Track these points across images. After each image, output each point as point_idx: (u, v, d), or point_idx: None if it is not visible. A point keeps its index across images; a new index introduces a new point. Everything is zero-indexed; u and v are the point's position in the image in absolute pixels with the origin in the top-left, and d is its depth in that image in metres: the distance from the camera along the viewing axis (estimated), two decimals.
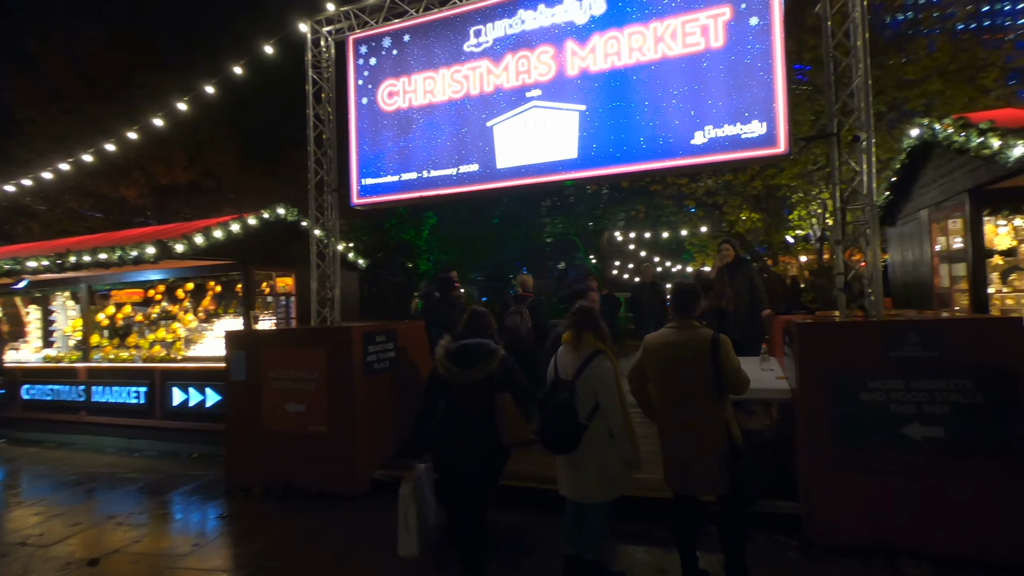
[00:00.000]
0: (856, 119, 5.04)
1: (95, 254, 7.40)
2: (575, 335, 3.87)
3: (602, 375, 3.73)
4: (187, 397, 8.30)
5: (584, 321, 3.90)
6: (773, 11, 5.13)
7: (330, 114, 7.18)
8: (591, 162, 5.80)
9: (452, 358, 3.78)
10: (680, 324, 3.74)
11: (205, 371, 8.23)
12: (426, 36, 6.54)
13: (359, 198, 6.86)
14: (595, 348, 3.79)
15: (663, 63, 5.52)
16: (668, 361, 3.74)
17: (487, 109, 6.23)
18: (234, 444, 6.73)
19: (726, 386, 3.63)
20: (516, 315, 6.77)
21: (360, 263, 10.28)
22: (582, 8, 5.84)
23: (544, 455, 3.96)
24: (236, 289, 9.53)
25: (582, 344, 3.83)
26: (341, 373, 6.19)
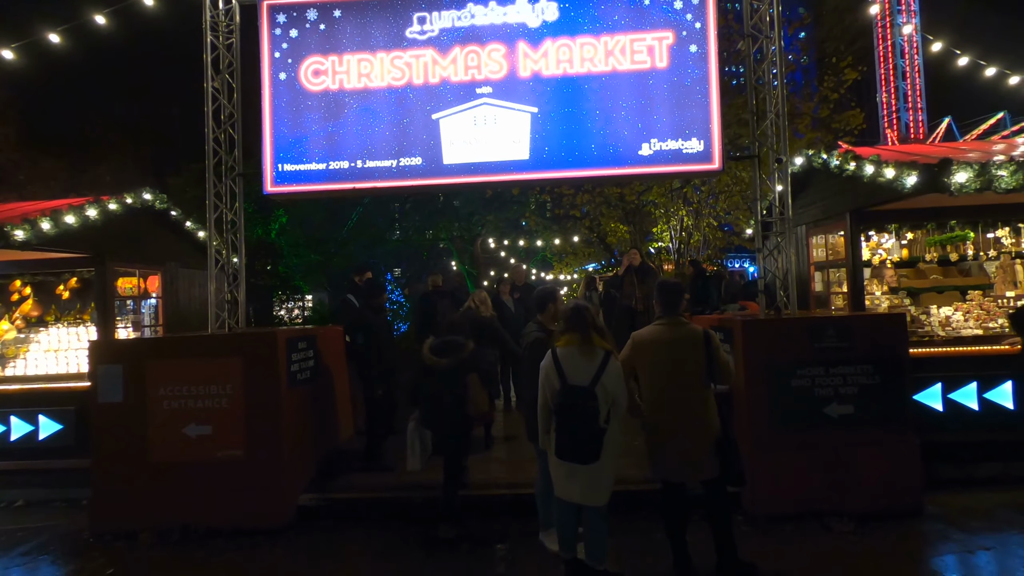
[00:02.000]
0: (770, 145, 5.84)
1: None
2: (583, 338, 3.74)
3: (619, 376, 3.73)
4: (6, 429, 6.42)
5: (590, 323, 3.85)
6: (709, 42, 5.74)
7: (233, 88, 6.19)
8: (543, 164, 5.85)
9: (434, 351, 4.78)
10: (670, 321, 3.94)
11: (35, 394, 6.46)
12: (362, 15, 6.01)
13: (274, 185, 6.03)
14: (606, 349, 3.76)
15: (613, 76, 5.81)
16: (663, 356, 3.90)
17: (433, 101, 5.93)
18: (104, 482, 5.39)
19: (718, 376, 3.92)
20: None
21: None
22: (535, 12, 5.89)
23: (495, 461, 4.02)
24: (59, 290, 7.71)
25: (594, 347, 3.73)
26: (262, 386, 5.33)
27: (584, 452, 3.56)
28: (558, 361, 3.78)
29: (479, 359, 4.92)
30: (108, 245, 6.61)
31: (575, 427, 3.58)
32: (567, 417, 3.63)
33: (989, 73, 8.58)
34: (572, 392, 3.66)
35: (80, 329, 7.42)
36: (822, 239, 7.02)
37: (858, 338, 5.06)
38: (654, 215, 13.65)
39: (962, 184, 4.57)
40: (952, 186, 4.57)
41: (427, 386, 4.80)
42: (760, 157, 5.81)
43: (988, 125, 36.55)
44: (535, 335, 4.37)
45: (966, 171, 4.56)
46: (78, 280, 7.88)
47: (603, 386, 3.64)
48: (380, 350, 5.97)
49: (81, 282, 7.89)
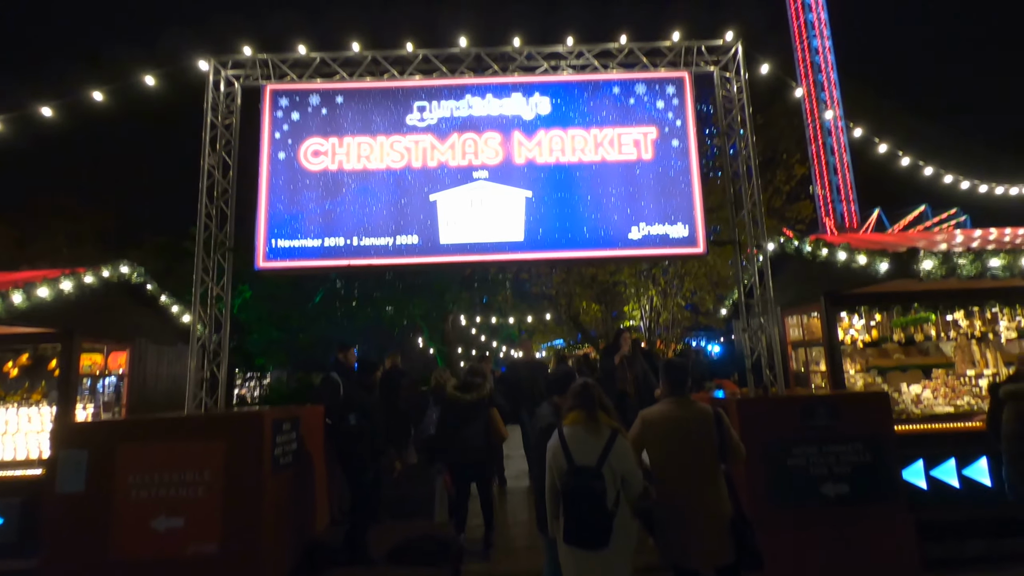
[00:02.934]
0: (748, 232, 6.24)
1: None
2: (589, 416, 3.61)
3: (627, 455, 3.58)
4: None
5: (595, 400, 3.82)
6: (689, 138, 6.24)
7: (229, 165, 6.25)
8: (537, 245, 6.04)
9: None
10: (679, 400, 3.97)
11: None
12: (364, 102, 6.29)
13: (266, 261, 5.96)
14: (612, 427, 3.62)
15: (603, 165, 6.19)
16: (674, 436, 3.88)
17: (430, 183, 6.13)
18: None
19: (730, 456, 3.92)
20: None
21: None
22: (529, 105, 6.31)
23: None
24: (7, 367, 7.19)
25: (600, 425, 3.60)
26: (245, 472, 4.98)
27: (592, 536, 3.40)
28: (564, 441, 3.68)
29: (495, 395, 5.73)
30: (78, 320, 6.27)
31: (582, 509, 3.45)
32: (574, 499, 3.50)
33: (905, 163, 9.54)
34: (578, 472, 3.55)
35: (31, 410, 6.85)
36: (797, 319, 7.39)
37: (846, 416, 5.21)
38: (625, 295, 14.06)
39: (929, 271, 4.98)
40: (921, 272, 4.97)
41: (454, 422, 5.36)
42: (740, 242, 6.17)
43: (912, 217, 40.13)
44: (548, 420, 4.21)
45: (932, 259, 4.99)
46: (30, 357, 7.39)
47: (610, 466, 3.46)
48: (373, 431, 5.74)
49: (33, 359, 7.40)
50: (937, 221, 37.19)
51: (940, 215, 38.03)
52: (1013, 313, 6.78)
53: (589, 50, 6.43)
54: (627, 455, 3.65)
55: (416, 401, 8.29)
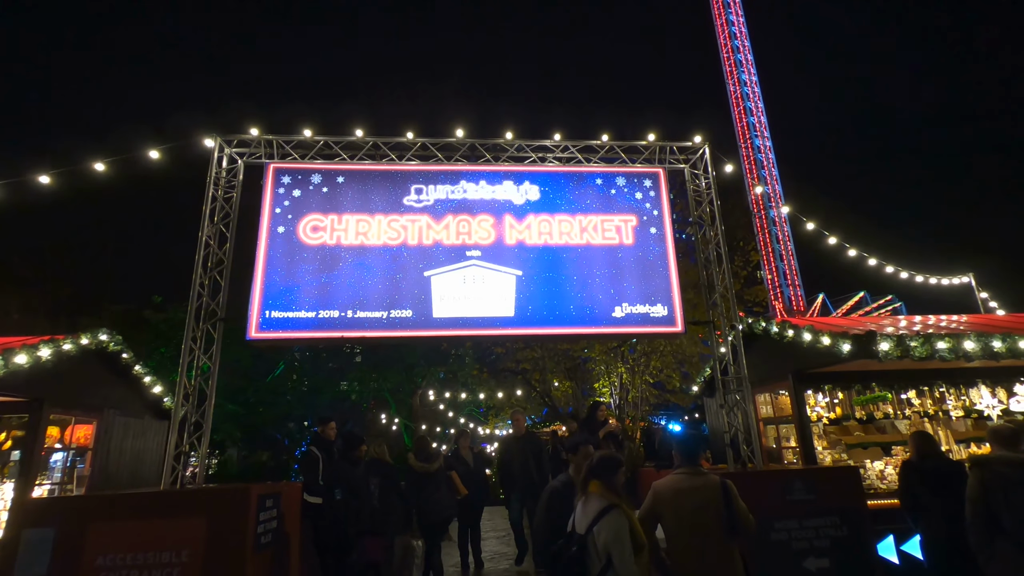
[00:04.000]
0: (720, 313, 6.71)
1: None
2: (583, 484, 3.58)
3: (616, 531, 3.38)
4: None
5: (595, 470, 3.86)
6: (665, 227, 6.81)
7: (228, 238, 6.40)
8: (527, 322, 6.30)
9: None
10: (691, 471, 4.11)
11: None
12: (363, 182, 6.64)
13: (259, 331, 5.99)
14: (608, 501, 3.47)
15: (588, 248, 6.64)
16: (685, 508, 3.93)
17: (425, 260, 6.41)
18: None
19: (740, 528, 3.94)
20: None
21: None
22: (519, 192, 6.80)
23: None
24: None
25: (591, 494, 3.51)
26: (227, 551, 4.75)
27: None
28: (576, 508, 3.72)
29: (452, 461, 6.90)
30: (47, 389, 6.03)
31: (561, 571, 3.43)
32: (555, 560, 3.48)
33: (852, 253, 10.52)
34: (569, 538, 3.49)
35: None
36: (766, 397, 7.77)
37: (823, 490, 5.46)
38: (595, 372, 14.32)
39: (886, 351, 5.48)
40: (880, 353, 5.46)
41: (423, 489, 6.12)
42: (714, 323, 6.62)
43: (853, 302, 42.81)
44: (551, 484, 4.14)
45: (888, 341, 5.51)
46: None
47: (594, 537, 3.38)
48: (359, 507, 5.60)
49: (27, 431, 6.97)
50: (876, 307, 39.79)
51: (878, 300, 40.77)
52: (959, 393, 7.36)
53: (574, 145, 7.08)
54: (613, 531, 3.41)
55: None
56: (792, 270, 54.18)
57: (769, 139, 57.23)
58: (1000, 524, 3.95)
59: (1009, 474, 3.96)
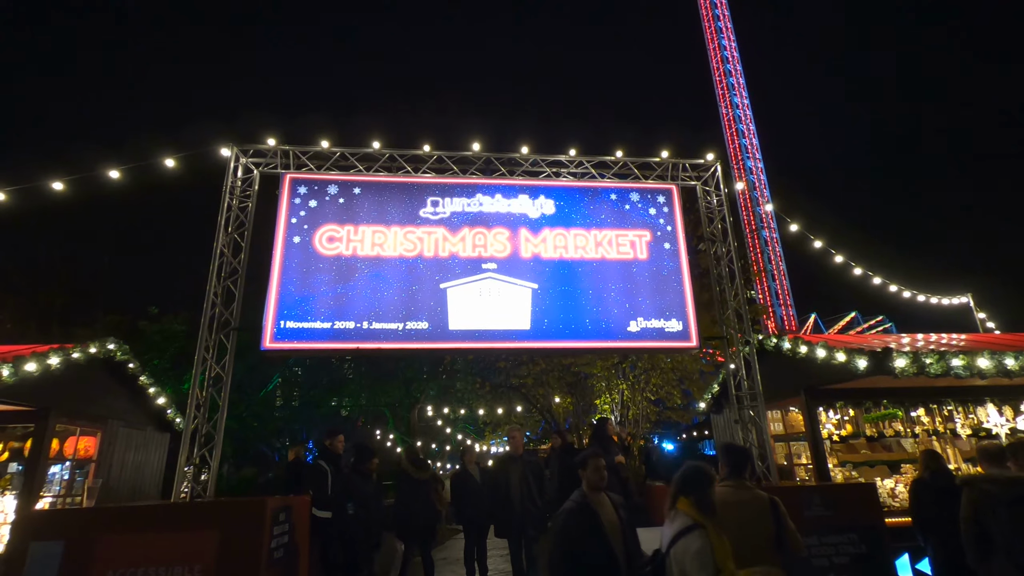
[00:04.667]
0: (732, 328, 6.74)
1: None
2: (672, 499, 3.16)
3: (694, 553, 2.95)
4: None
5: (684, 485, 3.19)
6: (679, 242, 6.86)
7: (243, 247, 6.36)
8: (543, 335, 6.29)
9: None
10: (737, 484, 3.92)
11: None
12: (380, 194, 6.65)
13: (274, 341, 5.92)
14: (692, 520, 3.05)
15: (603, 263, 6.67)
16: (731, 521, 3.77)
17: (441, 272, 6.40)
18: None
19: (787, 544, 3.78)
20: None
21: (178, 422, 8.14)
22: (535, 206, 6.83)
23: None
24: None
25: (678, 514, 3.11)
26: (241, 566, 4.63)
27: None
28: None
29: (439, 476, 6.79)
30: (54, 398, 5.91)
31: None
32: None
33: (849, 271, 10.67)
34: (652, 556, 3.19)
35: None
36: (777, 414, 7.77)
37: (841, 507, 5.44)
38: (597, 388, 14.28)
39: (902, 368, 5.52)
40: (896, 370, 5.49)
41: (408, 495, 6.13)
42: (727, 338, 6.64)
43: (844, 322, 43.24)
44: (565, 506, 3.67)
45: (904, 358, 5.55)
46: None
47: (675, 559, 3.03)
48: (370, 521, 5.50)
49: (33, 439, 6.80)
50: (867, 326, 40.21)
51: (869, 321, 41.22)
52: (967, 411, 7.40)
53: (588, 160, 7.14)
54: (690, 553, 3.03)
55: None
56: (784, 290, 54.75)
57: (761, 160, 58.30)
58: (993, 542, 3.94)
59: (995, 492, 3.93)
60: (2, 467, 6.67)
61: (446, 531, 13.06)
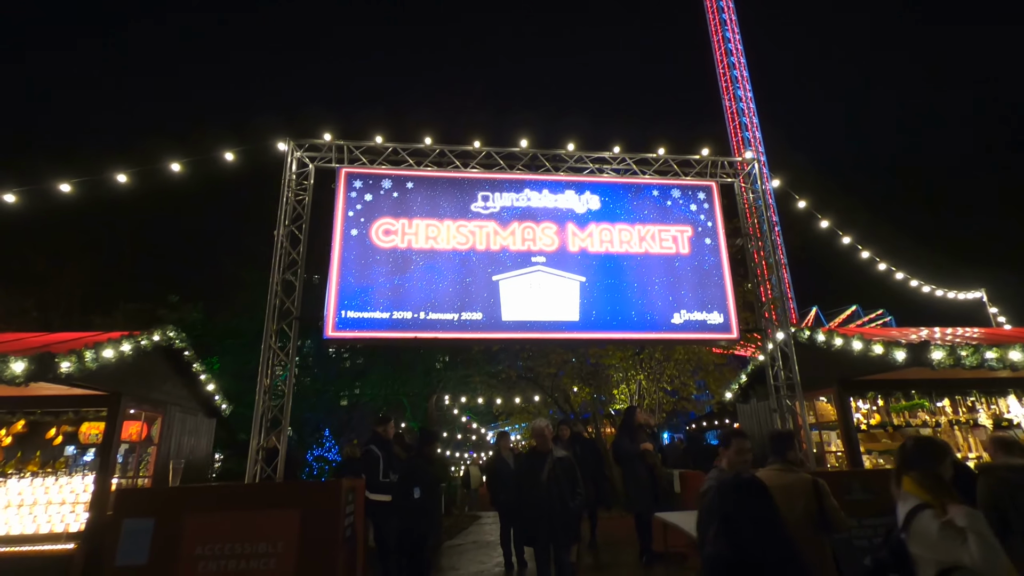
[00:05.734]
0: (770, 321, 7.01)
1: None
2: (896, 478, 2.83)
3: (933, 541, 2.46)
4: None
5: (910, 459, 2.82)
6: (719, 238, 7.11)
7: (300, 240, 6.57)
8: (591, 326, 6.54)
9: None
10: (783, 467, 4.25)
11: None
12: (432, 188, 6.86)
13: (335, 331, 6.16)
14: (920, 499, 2.63)
15: (647, 257, 6.91)
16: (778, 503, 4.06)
17: (493, 265, 6.63)
18: None
19: (830, 525, 4.03)
20: None
21: (224, 408, 8.38)
22: (580, 201, 7.06)
23: None
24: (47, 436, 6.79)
25: (904, 495, 2.72)
26: (320, 543, 4.90)
27: None
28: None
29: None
30: (125, 384, 6.13)
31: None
32: None
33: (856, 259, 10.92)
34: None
35: (35, 480, 6.43)
36: (807, 404, 8.05)
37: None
38: (614, 379, 14.57)
39: (939, 360, 5.80)
40: (933, 362, 5.78)
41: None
42: (765, 330, 6.91)
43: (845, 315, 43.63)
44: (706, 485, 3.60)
45: (940, 350, 5.83)
46: (25, 424, 7.02)
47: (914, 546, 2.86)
48: (434, 505, 5.78)
49: (28, 426, 7.03)
50: (868, 320, 40.64)
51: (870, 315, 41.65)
52: (989, 402, 7.72)
53: (631, 157, 7.36)
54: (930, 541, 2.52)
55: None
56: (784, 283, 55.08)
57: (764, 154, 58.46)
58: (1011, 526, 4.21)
59: (1013, 478, 4.17)
60: (58, 450, 6.92)
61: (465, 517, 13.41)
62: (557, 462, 5.19)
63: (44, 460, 6.88)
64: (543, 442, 5.36)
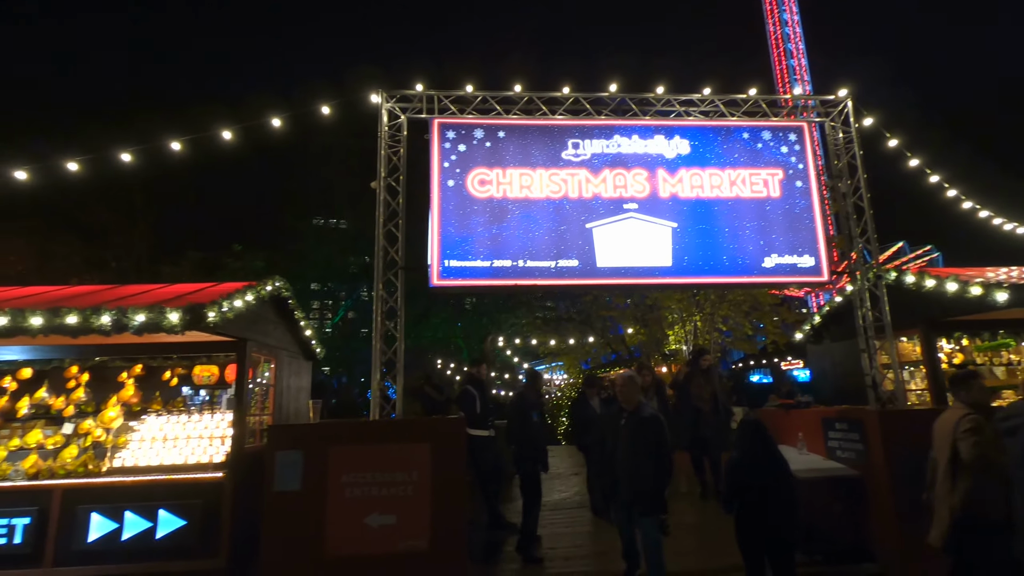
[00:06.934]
0: (859, 262, 7.04)
1: (55, 317, 5.18)
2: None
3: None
4: (119, 527, 5.87)
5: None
6: (811, 180, 7.05)
7: (398, 191, 6.78)
8: (683, 271, 6.69)
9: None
10: (953, 405, 4.33)
11: (155, 486, 6.04)
12: (523, 137, 6.92)
13: (440, 279, 6.45)
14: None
15: (737, 201, 6.93)
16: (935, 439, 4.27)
17: (586, 212, 6.76)
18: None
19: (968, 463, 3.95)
20: None
21: (319, 351, 8.93)
22: (670, 146, 7.04)
23: None
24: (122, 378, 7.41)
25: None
26: (449, 473, 5.40)
27: None
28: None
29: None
30: (248, 331, 6.61)
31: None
32: None
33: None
34: None
35: (171, 417, 7.10)
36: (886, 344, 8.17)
37: None
38: (670, 319, 14.80)
39: None
40: None
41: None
42: (855, 273, 6.96)
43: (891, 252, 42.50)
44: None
45: None
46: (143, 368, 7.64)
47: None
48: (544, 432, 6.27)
49: (146, 370, 7.64)
50: (913, 256, 39.57)
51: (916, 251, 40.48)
52: None
53: (720, 99, 7.24)
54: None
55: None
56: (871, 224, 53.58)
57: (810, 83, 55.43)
58: None
59: None
60: (175, 390, 7.55)
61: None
62: (640, 425, 4.62)
63: (165, 400, 7.54)
64: (626, 398, 4.76)
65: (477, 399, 7.26)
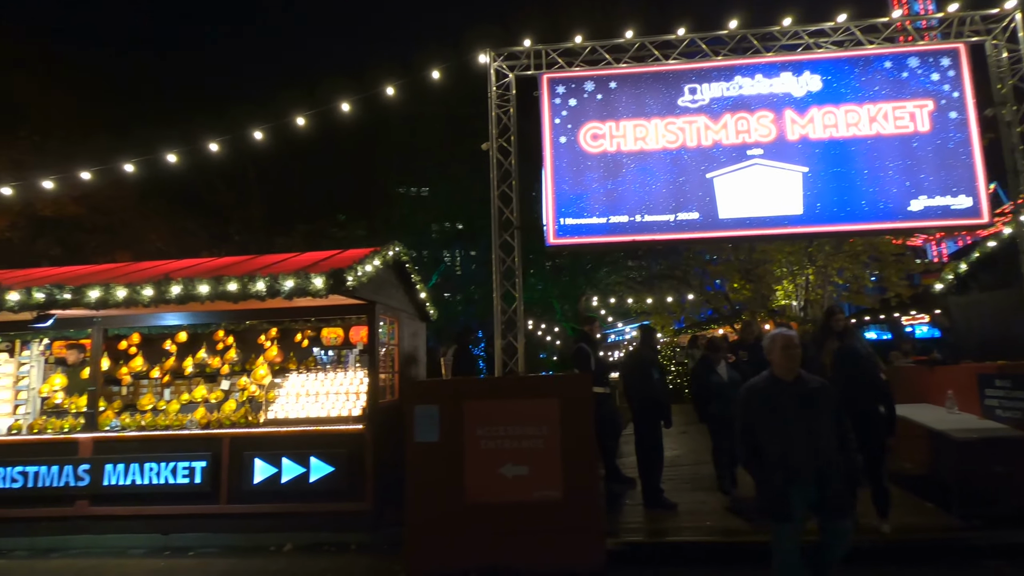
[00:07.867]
0: None
1: (219, 284, 5.77)
2: None
3: None
4: (278, 471, 6.55)
5: None
6: (968, 110, 6.25)
7: (510, 151, 6.77)
8: (816, 219, 6.25)
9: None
10: None
11: (306, 436, 6.65)
12: (636, 86, 6.64)
13: (556, 238, 6.45)
14: None
15: (878, 139, 6.31)
16: None
17: (706, 162, 6.43)
18: (420, 524, 5.46)
19: None
20: None
21: (432, 313, 9.30)
22: (799, 84, 6.48)
23: None
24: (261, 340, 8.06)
25: None
26: (577, 427, 5.49)
27: None
28: None
29: None
30: (376, 294, 6.99)
31: None
32: None
33: None
34: None
35: (319, 375, 7.74)
36: None
37: None
38: (778, 274, 13.99)
39: None
40: None
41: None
42: (1019, 211, 6.17)
43: None
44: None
45: None
46: (278, 331, 8.28)
47: None
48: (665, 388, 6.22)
49: (280, 332, 8.27)
50: None
51: None
52: None
53: (856, 25, 6.52)
54: None
55: None
56: None
57: None
58: None
59: None
60: (307, 351, 8.17)
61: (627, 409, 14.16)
62: (809, 395, 3.35)
63: (298, 360, 8.19)
64: (784, 365, 3.39)
65: (591, 356, 7.30)
